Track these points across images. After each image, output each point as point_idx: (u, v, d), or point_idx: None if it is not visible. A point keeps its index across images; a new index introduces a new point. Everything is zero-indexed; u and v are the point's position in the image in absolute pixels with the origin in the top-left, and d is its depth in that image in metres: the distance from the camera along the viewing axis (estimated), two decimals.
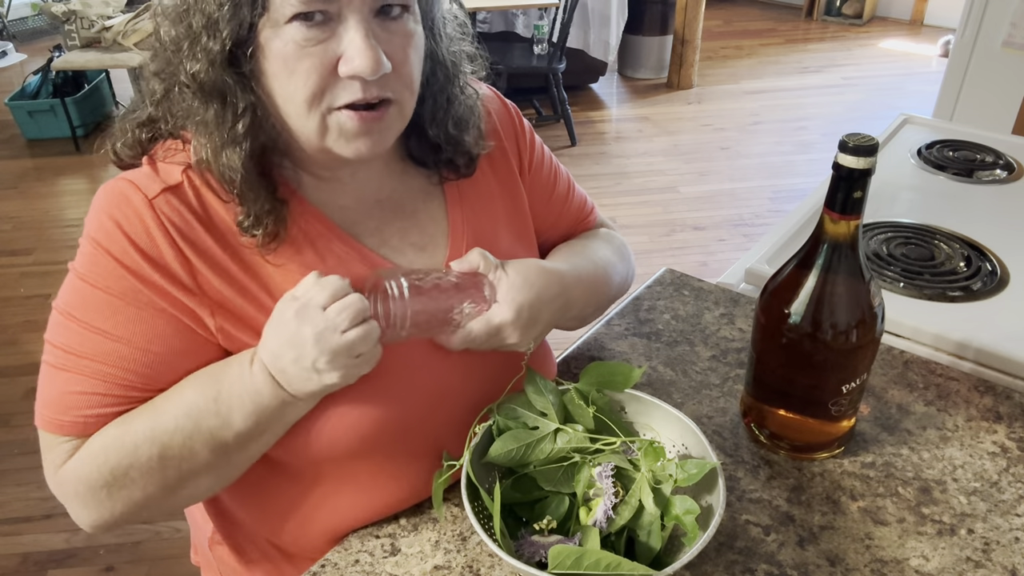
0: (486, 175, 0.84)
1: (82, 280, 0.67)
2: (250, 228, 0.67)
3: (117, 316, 0.66)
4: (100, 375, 0.67)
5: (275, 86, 0.63)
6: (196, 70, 0.62)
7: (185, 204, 0.67)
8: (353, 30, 0.61)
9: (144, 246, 0.66)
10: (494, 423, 0.73)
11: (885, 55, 5.18)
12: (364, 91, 0.63)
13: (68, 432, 0.68)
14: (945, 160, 1.52)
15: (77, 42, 3.85)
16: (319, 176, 0.73)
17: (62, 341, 0.68)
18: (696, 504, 0.68)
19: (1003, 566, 0.73)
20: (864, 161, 0.68)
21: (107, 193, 0.68)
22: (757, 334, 0.82)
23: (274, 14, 0.60)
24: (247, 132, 0.64)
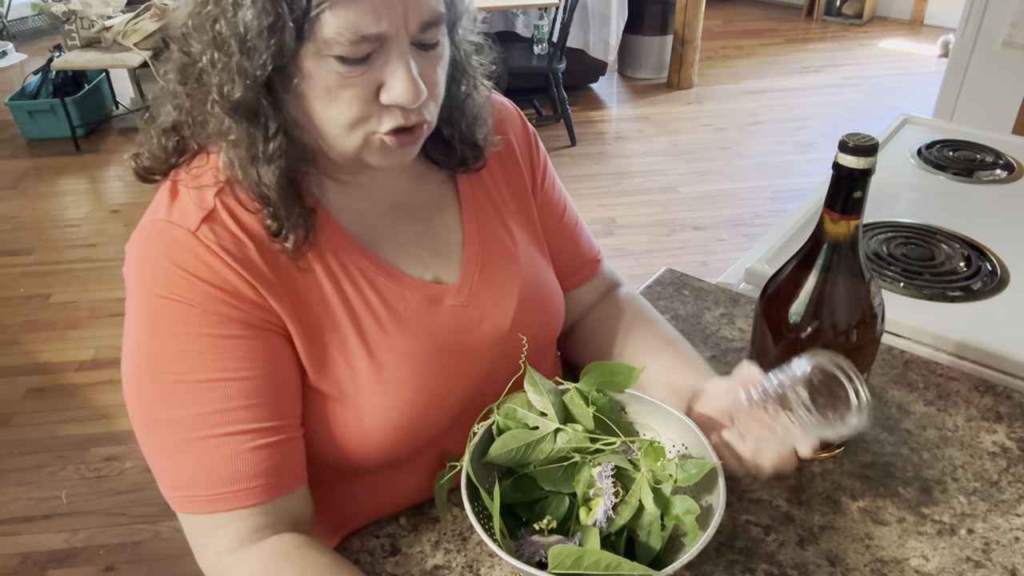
0: (497, 181, 0.83)
1: (167, 337, 0.64)
2: (282, 236, 0.66)
3: (223, 354, 0.64)
4: (239, 424, 0.64)
5: (314, 108, 0.63)
6: (229, 90, 0.60)
7: (226, 227, 0.66)
8: (395, 61, 0.61)
9: (208, 277, 0.64)
10: (494, 423, 0.73)
11: (885, 55, 5.18)
12: (405, 118, 0.63)
13: (232, 505, 0.64)
14: (945, 160, 1.52)
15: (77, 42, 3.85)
16: (341, 181, 0.73)
17: (179, 411, 0.64)
18: (696, 504, 0.68)
19: (1003, 566, 0.73)
20: (864, 161, 0.68)
21: (146, 240, 0.66)
22: (757, 334, 0.82)
23: (320, 46, 0.59)
24: (279, 150, 0.64)
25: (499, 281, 0.79)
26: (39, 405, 2.31)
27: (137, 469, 2.07)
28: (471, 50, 0.75)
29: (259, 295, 0.66)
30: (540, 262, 0.86)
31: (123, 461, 2.10)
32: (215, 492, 0.64)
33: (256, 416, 0.65)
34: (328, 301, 0.70)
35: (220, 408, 0.64)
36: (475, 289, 0.78)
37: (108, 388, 2.35)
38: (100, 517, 1.94)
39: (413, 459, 0.77)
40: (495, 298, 0.79)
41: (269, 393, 0.66)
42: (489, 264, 0.79)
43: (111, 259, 3.04)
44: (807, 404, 0.64)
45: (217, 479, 0.64)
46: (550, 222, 0.89)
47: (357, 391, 0.70)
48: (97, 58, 3.74)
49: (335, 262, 0.71)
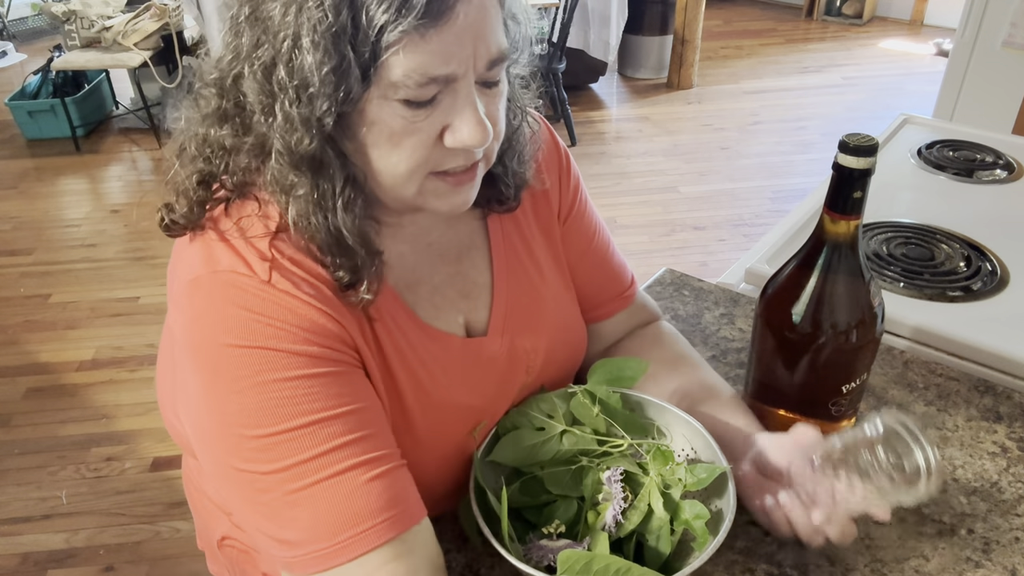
0: (527, 216, 0.81)
1: (250, 390, 0.58)
2: (350, 286, 0.62)
3: (320, 391, 0.59)
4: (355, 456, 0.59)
5: (374, 155, 0.59)
6: (293, 141, 0.56)
7: (294, 274, 0.60)
8: (462, 102, 0.57)
9: (293, 321, 0.59)
10: (500, 424, 0.73)
11: (885, 55, 5.18)
12: (466, 159, 0.61)
13: (359, 550, 0.58)
14: (945, 160, 1.52)
15: (77, 42, 3.85)
16: (385, 223, 0.69)
17: (285, 461, 0.57)
18: (706, 509, 0.68)
19: (1003, 566, 0.73)
20: (864, 161, 0.68)
21: (216, 293, 0.59)
22: (757, 334, 0.82)
23: (383, 89, 0.55)
24: (351, 201, 0.59)
25: (528, 324, 0.78)
26: (39, 405, 2.31)
27: (137, 469, 2.07)
28: (521, 83, 0.73)
29: (342, 328, 0.62)
30: (565, 297, 0.84)
31: (123, 461, 2.10)
32: (340, 539, 0.57)
33: (364, 448, 0.59)
34: (386, 354, 0.68)
35: (325, 449, 0.58)
36: (506, 337, 0.76)
37: (108, 388, 2.35)
38: (100, 517, 1.94)
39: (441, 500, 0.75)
40: (525, 343, 0.78)
41: (372, 424, 0.61)
42: (518, 308, 0.78)
43: (111, 259, 3.05)
44: (887, 470, 0.61)
45: (339, 524, 0.58)
46: (576, 249, 0.85)
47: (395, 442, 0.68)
48: (97, 58, 3.74)
49: (376, 313, 0.67)
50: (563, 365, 0.83)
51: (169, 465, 2.07)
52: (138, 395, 2.30)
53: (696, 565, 0.62)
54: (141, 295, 2.79)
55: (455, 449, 0.73)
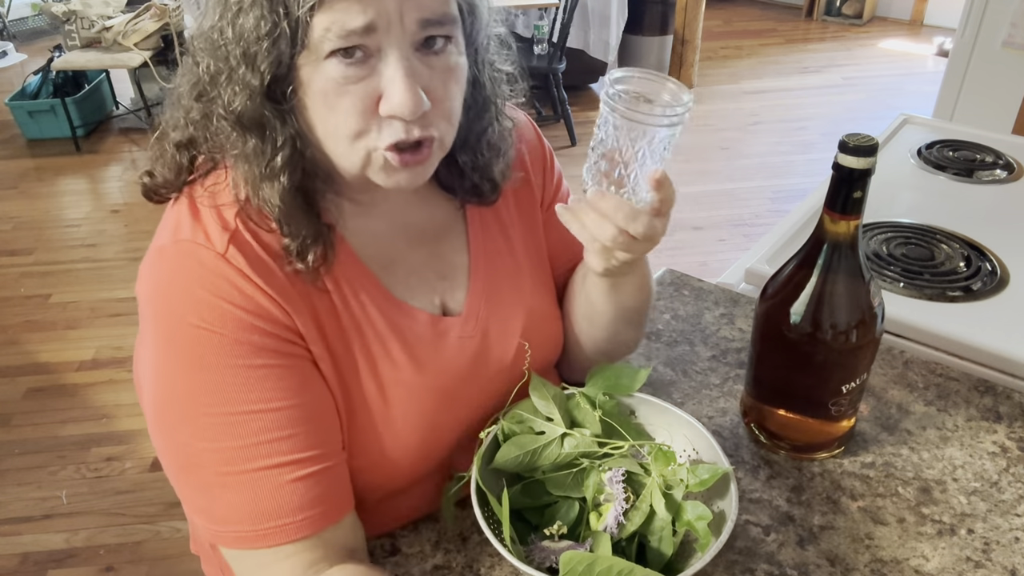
0: (508, 205, 0.82)
1: (197, 369, 0.62)
2: (298, 255, 0.65)
3: (256, 385, 0.62)
4: (277, 456, 0.62)
5: (316, 121, 0.61)
6: (235, 104, 0.60)
7: (251, 247, 0.64)
8: (393, 68, 0.58)
9: (243, 304, 0.62)
10: (500, 429, 0.73)
11: (885, 55, 5.18)
12: (406, 132, 0.61)
13: (282, 540, 0.63)
14: (945, 160, 1.52)
15: (77, 42, 3.85)
16: (356, 201, 0.71)
17: (214, 444, 0.62)
18: (708, 510, 0.68)
19: (1003, 566, 0.73)
20: (864, 161, 0.68)
21: (171, 263, 0.63)
22: (757, 334, 0.82)
23: (313, 50, 0.58)
24: (286, 164, 0.62)
25: (505, 308, 0.79)
26: (39, 405, 2.31)
27: (137, 469, 2.07)
28: (500, 79, 0.73)
29: (288, 316, 0.64)
30: (544, 289, 0.84)
31: (123, 461, 2.10)
32: (261, 528, 0.62)
33: (295, 446, 0.63)
34: (343, 327, 0.69)
35: (257, 441, 0.62)
36: (481, 318, 0.77)
37: (108, 388, 2.35)
38: (100, 517, 1.94)
39: (415, 485, 0.76)
40: (501, 326, 0.78)
41: (305, 422, 0.64)
42: (495, 291, 0.78)
43: (111, 259, 3.04)
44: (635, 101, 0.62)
45: (262, 514, 0.62)
46: (557, 237, 0.86)
47: (361, 424, 0.70)
48: (97, 58, 3.74)
49: (348, 290, 0.69)
50: (541, 353, 0.83)
51: None
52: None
53: (699, 566, 0.62)
54: None
55: (430, 430, 0.73)
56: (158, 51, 3.86)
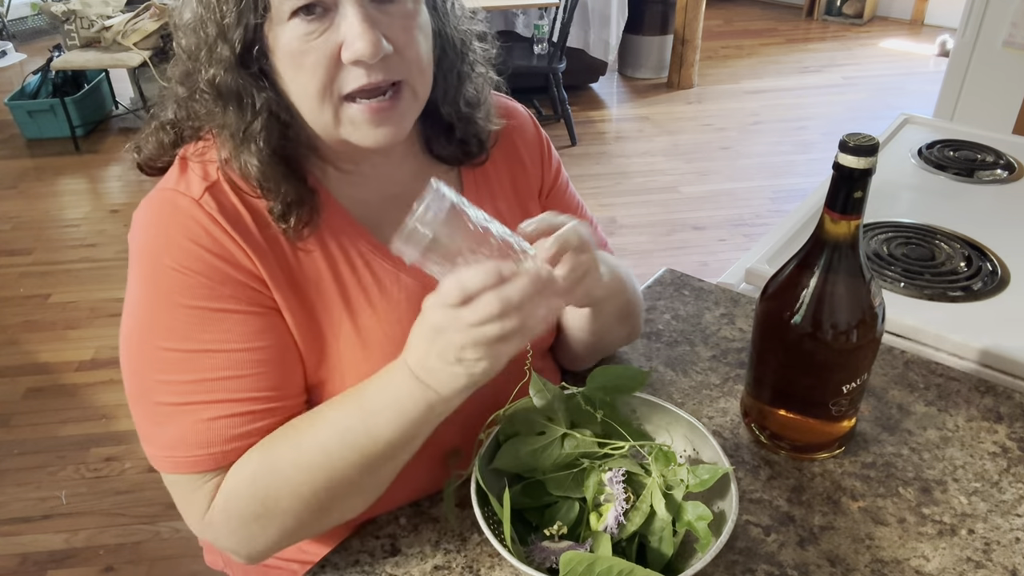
0: (504, 185, 0.84)
1: (163, 306, 0.67)
2: (280, 217, 0.68)
3: (213, 326, 0.67)
4: (223, 393, 0.66)
5: (287, 82, 0.65)
6: (212, 75, 0.65)
7: (227, 198, 0.68)
8: (350, 15, 0.62)
9: (210, 247, 0.66)
10: (500, 429, 0.73)
11: (886, 55, 5.18)
12: (369, 75, 0.63)
13: (208, 467, 0.67)
14: (946, 160, 1.52)
15: (77, 42, 3.85)
16: (343, 169, 0.74)
17: (168, 376, 0.67)
18: (708, 510, 0.67)
19: (1003, 566, 0.73)
20: (864, 161, 0.68)
21: (153, 208, 0.69)
22: (757, 334, 0.82)
23: (275, 13, 0.62)
24: (263, 129, 0.66)
25: None
26: (39, 405, 2.31)
27: (137, 469, 2.07)
28: (469, 34, 0.76)
29: (254, 265, 0.68)
30: None
31: (123, 461, 2.10)
32: (193, 455, 0.67)
33: (242, 387, 0.67)
34: (323, 282, 0.72)
35: (207, 377, 0.66)
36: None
37: (108, 388, 2.35)
38: (100, 517, 1.94)
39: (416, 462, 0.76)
40: None
41: (257, 365, 0.67)
42: None
43: (111, 259, 3.04)
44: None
45: (196, 443, 0.66)
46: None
47: (343, 372, 0.72)
48: (97, 58, 3.74)
49: (335, 244, 0.72)
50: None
51: None
52: None
53: (699, 566, 0.62)
54: None
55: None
56: (158, 51, 3.85)
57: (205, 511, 0.68)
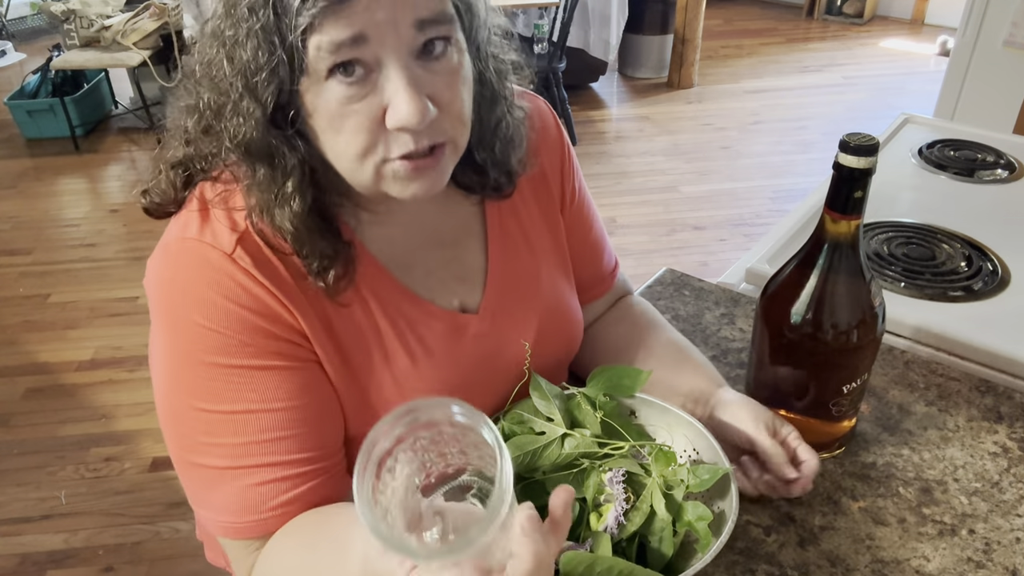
0: (528, 204, 0.81)
1: (200, 366, 0.63)
2: (318, 275, 0.65)
3: (256, 384, 0.64)
4: (269, 455, 0.64)
5: (324, 141, 0.61)
6: (241, 135, 0.60)
7: (260, 249, 0.64)
8: (395, 79, 0.57)
9: (248, 304, 0.63)
10: (500, 429, 0.73)
11: (886, 54, 5.18)
12: (416, 142, 0.60)
13: (256, 534, 0.66)
14: (946, 160, 1.52)
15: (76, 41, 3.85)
16: (372, 211, 0.71)
17: (213, 439, 0.65)
18: (708, 510, 0.67)
19: (1004, 567, 0.73)
20: (865, 161, 0.68)
21: (179, 261, 0.64)
22: (757, 334, 0.82)
23: (313, 73, 0.57)
24: (296, 190, 0.62)
25: (520, 307, 0.79)
26: (38, 405, 2.31)
27: (136, 469, 2.07)
28: (505, 70, 0.72)
29: (294, 319, 0.65)
30: (562, 284, 0.85)
31: (122, 461, 2.10)
32: (243, 521, 0.65)
33: (290, 447, 0.65)
34: (363, 334, 0.69)
35: (255, 440, 0.64)
36: (497, 316, 0.77)
37: (107, 388, 2.35)
38: (99, 517, 1.94)
39: None
40: (516, 324, 0.79)
41: (303, 424, 0.65)
42: (512, 291, 0.79)
43: (110, 259, 3.04)
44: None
45: (243, 509, 0.65)
46: (577, 238, 0.87)
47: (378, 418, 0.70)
48: (96, 57, 3.74)
49: (369, 294, 0.70)
50: (556, 351, 0.84)
51: (168, 465, 2.06)
52: (137, 395, 2.30)
53: (699, 567, 0.62)
54: (140, 295, 2.79)
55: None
56: (157, 50, 3.85)
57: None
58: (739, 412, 0.76)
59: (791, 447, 0.75)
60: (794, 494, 0.75)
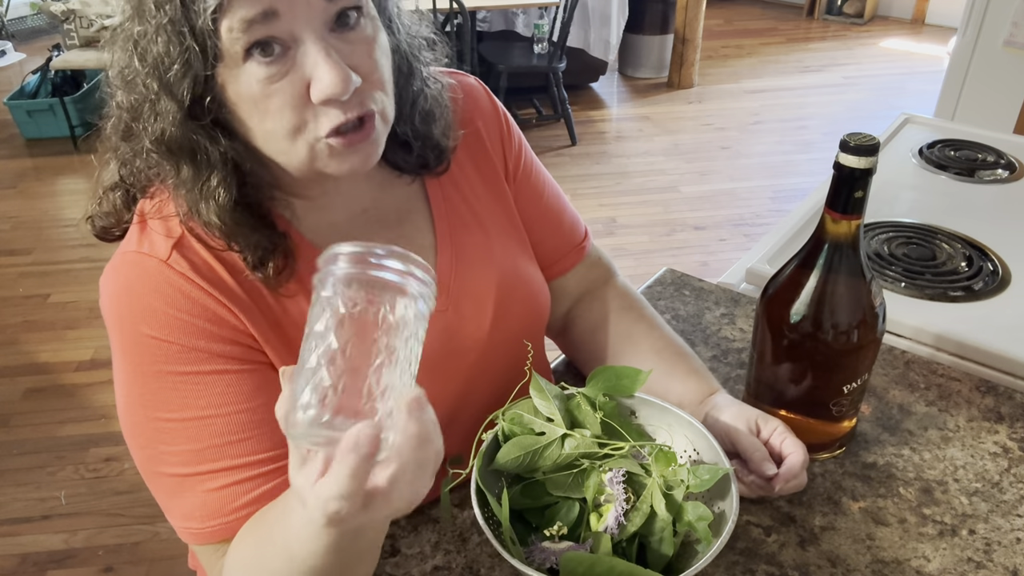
0: (470, 177, 0.81)
1: (151, 376, 0.64)
2: (255, 268, 0.65)
3: (208, 390, 0.64)
4: (227, 459, 0.64)
5: (251, 127, 0.61)
6: (159, 133, 0.60)
7: (196, 253, 0.65)
8: (313, 52, 0.57)
9: (189, 309, 0.63)
10: (500, 429, 0.73)
11: (886, 54, 5.18)
12: (345, 112, 0.59)
13: (221, 537, 0.65)
14: (946, 160, 1.51)
15: (76, 41, 3.85)
16: (308, 197, 0.71)
17: (172, 447, 0.64)
18: (708, 510, 0.67)
19: (1004, 567, 0.73)
20: (865, 161, 0.67)
21: (120, 274, 0.65)
22: (758, 334, 0.82)
23: (229, 58, 0.57)
24: (221, 182, 0.62)
25: (476, 281, 0.78)
26: (38, 405, 2.31)
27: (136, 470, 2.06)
28: (420, 44, 0.73)
29: (238, 319, 0.65)
30: (518, 254, 0.84)
31: (122, 462, 2.10)
32: (207, 526, 0.65)
33: (248, 449, 0.65)
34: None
35: (209, 445, 0.64)
36: (452, 292, 0.76)
37: (107, 388, 2.35)
38: (99, 518, 1.94)
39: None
40: (473, 299, 0.78)
41: (259, 425, 0.65)
42: (464, 265, 0.78)
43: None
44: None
45: (206, 514, 0.65)
46: (529, 208, 0.86)
47: None
48: (96, 57, 3.73)
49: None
50: (520, 321, 0.82)
51: None
52: None
53: (699, 567, 0.62)
54: None
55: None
56: None
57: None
58: (722, 414, 0.77)
59: (775, 444, 0.74)
60: (782, 491, 0.74)
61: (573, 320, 0.93)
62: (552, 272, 0.89)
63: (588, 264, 0.92)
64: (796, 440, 0.74)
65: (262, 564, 0.61)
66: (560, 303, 0.92)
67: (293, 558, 0.56)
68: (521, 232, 0.85)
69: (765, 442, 0.75)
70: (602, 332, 0.90)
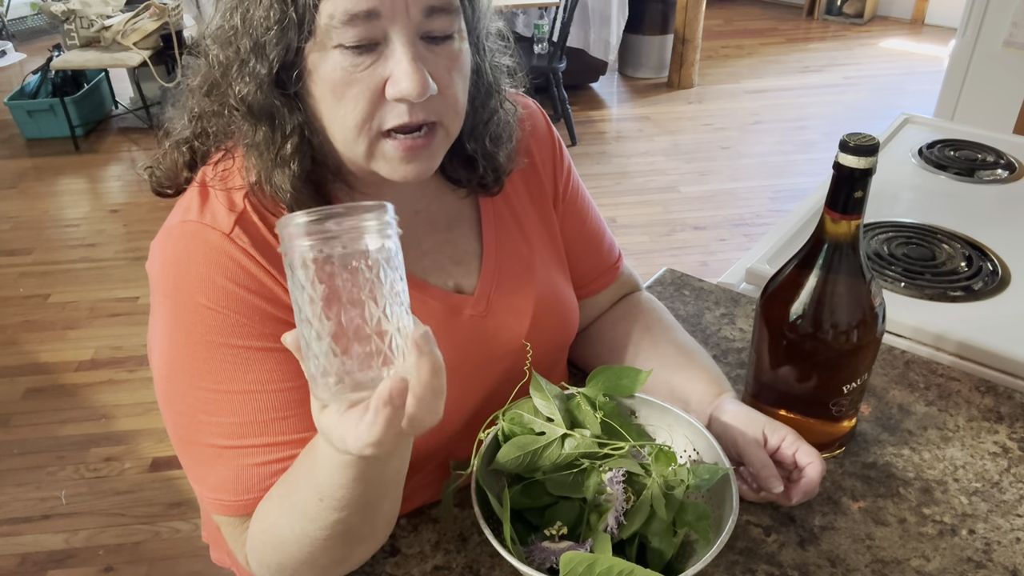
0: (521, 196, 0.83)
1: (202, 346, 0.64)
2: None
3: (256, 366, 0.65)
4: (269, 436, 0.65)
5: (323, 109, 0.63)
6: (245, 93, 0.62)
7: (257, 229, 0.66)
8: (399, 52, 0.60)
9: (247, 284, 0.64)
10: (500, 429, 0.73)
11: (886, 54, 5.18)
12: (410, 114, 0.62)
13: (249, 510, 0.67)
14: (946, 160, 1.52)
15: (76, 41, 3.85)
16: (365, 193, 0.73)
17: (214, 417, 0.65)
18: (708, 510, 0.67)
19: (1004, 567, 0.73)
20: (865, 161, 0.68)
21: (179, 242, 0.65)
22: (758, 334, 0.82)
23: (320, 39, 0.59)
24: (295, 152, 0.64)
25: (516, 292, 0.80)
26: (38, 405, 2.31)
27: (136, 469, 2.07)
28: (501, 70, 0.75)
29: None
30: (557, 274, 0.85)
31: (122, 461, 2.10)
32: (240, 499, 0.66)
33: (287, 428, 0.66)
34: None
35: (253, 420, 0.65)
36: (492, 299, 0.78)
37: (107, 388, 2.35)
38: (99, 517, 1.94)
39: (418, 468, 0.76)
40: (512, 308, 0.79)
41: (301, 404, 0.66)
42: (507, 275, 0.79)
43: (110, 259, 3.04)
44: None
45: (240, 488, 0.66)
46: (572, 230, 0.89)
47: None
48: (96, 57, 3.74)
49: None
50: (552, 336, 0.84)
51: (168, 465, 2.07)
52: (137, 395, 2.30)
53: (699, 567, 0.62)
54: (140, 295, 2.79)
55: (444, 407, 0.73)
56: (157, 50, 3.85)
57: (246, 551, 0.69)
58: (731, 425, 0.77)
59: (787, 452, 0.75)
60: (793, 502, 0.75)
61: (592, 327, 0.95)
62: (587, 291, 0.92)
63: (620, 283, 0.95)
64: (810, 448, 0.74)
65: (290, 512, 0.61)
66: (587, 318, 0.94)
67: (323, 497, 0.57)
68: (561, 254, 0.87)
69: (775, 450, 0.75)
70: (619, 331, 0.91)
